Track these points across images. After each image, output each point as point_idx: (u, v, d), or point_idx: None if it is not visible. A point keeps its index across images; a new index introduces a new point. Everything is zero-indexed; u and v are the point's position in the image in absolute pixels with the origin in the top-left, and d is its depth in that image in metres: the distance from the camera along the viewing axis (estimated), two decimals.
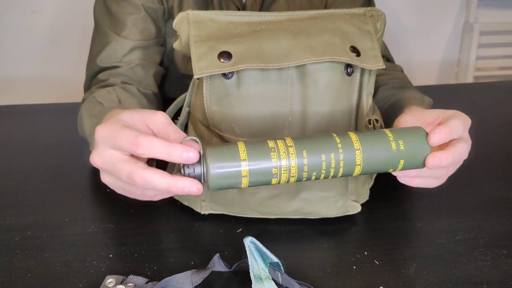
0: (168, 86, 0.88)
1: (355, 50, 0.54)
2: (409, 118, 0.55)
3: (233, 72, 0.54)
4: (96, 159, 0.47)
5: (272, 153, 0.45)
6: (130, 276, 0.51)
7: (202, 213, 0.61)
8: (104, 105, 0.65)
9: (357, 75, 0.57)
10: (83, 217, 0.62)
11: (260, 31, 0.54)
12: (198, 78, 0.56)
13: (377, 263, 0.55)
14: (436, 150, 0.50)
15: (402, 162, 0.49)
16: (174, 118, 0.64)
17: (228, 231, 0.60)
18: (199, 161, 0.45)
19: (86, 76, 0.78)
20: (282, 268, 0.51)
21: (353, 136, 0.48)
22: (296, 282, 0.50)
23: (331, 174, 0.47)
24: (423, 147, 0.49)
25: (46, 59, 1.73)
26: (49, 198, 0.66)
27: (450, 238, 0.59)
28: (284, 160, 0.45)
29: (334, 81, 0.55)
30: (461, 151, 0.50)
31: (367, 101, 0.58)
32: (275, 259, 0.51)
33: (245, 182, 0.45)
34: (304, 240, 0.58)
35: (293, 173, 0.46)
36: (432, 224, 0.61)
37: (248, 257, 0.50)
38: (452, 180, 0.56)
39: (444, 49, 2.00)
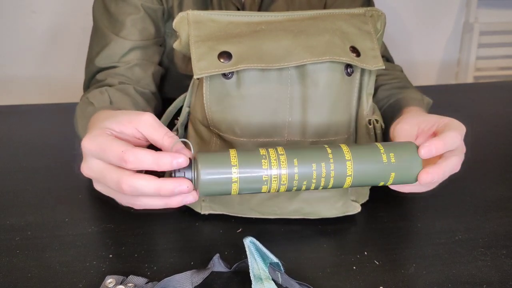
0: (168, 86, 0.88)
1: (355, 50, 0.54)
2: (404, 126, 0.55)
3: (233, 72, 0.54)
4: (85, 169, 0.47)
5: (263, 161, 0.45)
6: (130, 276, 0.51)
7: (202, 213, 0.61)
8: (95, 105, 0.65)
9: (357, 75, 0.57)
10: (83, 217, 0.62)
11: (260, 31, 0.54)
12: (198, 78, 0.56)
13: (377, 263, 0.55)
14: (427, 163, 0.49)
15: (393, 175, 0.48)
16: (174, 118, 0.64)
17: (228, 231, 0.60)
18: (190, 166, 0.44)
19: (85, 77, 0.78)
20: (282, 268, 0.51)
21: (344, 148, 0.47)
22: (296, 282, 0.50)
23: (322, 184, 0.47)
24: (414, 160, 0.48)
25: (46, 59, 1.73)
26: (49, 198, 0.66)
27: (450, 238, 0.59)
28: (274, 169, 0.45)
29: (334, 81, 0.55)
30: (453, 164, 0.50)
31: (367, 101, 0.58)
32: (275, 259, 0.51)
33: (235, 189, 0.45)
34: (304, 240, 0.58)
35: (283, 182, 0.46)
36: (432, 224, 0.61)
37: (248, 257, 0.50)
38: (452, 180, 0.56)
39: (444, 49, 2.00)
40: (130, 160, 0.43)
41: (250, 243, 0.50)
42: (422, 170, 0.48)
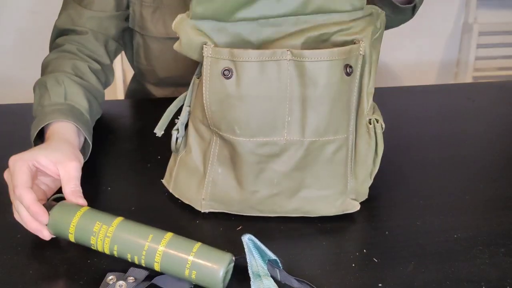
0: (160, 63, 0.89)
1: None
2: None
3: (232, 72, 0.54)
4: (6, 172, 0.58)
5: (92, 238, 0.52)
6: (131, 268, 0.51)
7: (202, 211, 0.61)
8: (50, 97, 0.69)
9: (356, 75, 0.57)
10: None
11: None
12: (198, 78, 0.56)
13: (376, 261, 0.55)
14: None
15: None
16: (175, 117, 0.64)
17: (228, 229, 0.60)
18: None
19: (50, 39, 0.84)
20: (280, 265, 0.51)
21: (159, 251, 0.50)
22: (295, 279, 0.50)
23: (135, 261, 0.52)
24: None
25: None
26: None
27: (449, 236, 0.59)
28: (100, 244, 0.52)
29: (333, 81, 0.55)
30: None
31: (368, 100, 0.59)
32: (273, 256, 0.51)
33: (71, 238, 0.54)
34: (303, 238, 0.59)
35: (105, 251, 0.53)
36: (431, 223, 0.62)
37: (246, 255, 0.50)
38: (452, 179, 0.57)
39: (443, 49, 2.00)
40: (16, 194, 0.54)
41: (248, 240, 0.51)
42: None
